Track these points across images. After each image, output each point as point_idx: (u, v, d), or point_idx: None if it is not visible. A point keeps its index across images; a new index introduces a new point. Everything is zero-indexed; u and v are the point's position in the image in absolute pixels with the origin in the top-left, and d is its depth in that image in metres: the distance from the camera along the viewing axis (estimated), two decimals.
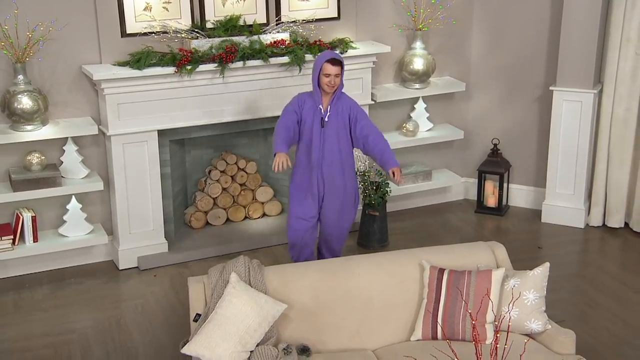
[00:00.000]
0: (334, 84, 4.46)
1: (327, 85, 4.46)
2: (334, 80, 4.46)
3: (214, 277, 3.70)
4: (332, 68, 4.43)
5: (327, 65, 4.43)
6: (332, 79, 4.44)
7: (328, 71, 4.44)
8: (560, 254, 5.40)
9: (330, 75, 4.44)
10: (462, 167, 6.29)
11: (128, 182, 5.10)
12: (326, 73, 4.44)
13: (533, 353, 3.49)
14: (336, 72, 4.44)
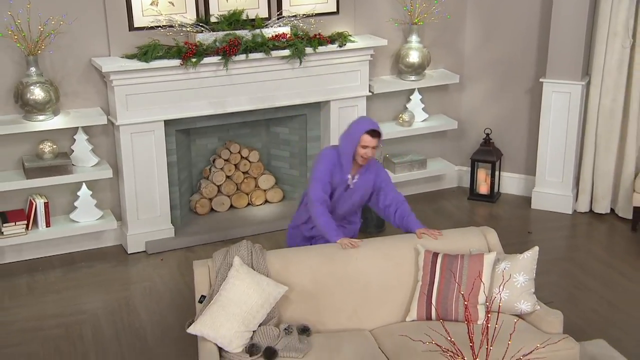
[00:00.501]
0: (369, 156, 3.94)
1: (362, 158, 3.94)
2: (371, 153, 3.93)
3: (218, 260, 3.71)
4: (371, 140, 3.91)
5: (366, 137, 3.90)
6: (369, 151, 3.92)
7: (366, 143, 3.90)
8: (549, 239, 5.42)
9: (368, 148, 3.91)
10: (455, 155, 6.29)
11: (136, 169, 5.10)
12: (364, 145, 3.90)
13: (522, 332, 3.51)
14: (374, 145, 3.92)
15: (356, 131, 3.93)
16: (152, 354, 4.13)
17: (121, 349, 4.18)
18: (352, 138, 3.93)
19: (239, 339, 3.41)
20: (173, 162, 5.31)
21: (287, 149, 5.86)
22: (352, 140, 3.93)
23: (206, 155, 5.79)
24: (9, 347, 4.19)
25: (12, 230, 4.87)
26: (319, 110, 5.68)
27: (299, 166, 5.86)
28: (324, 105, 5.64)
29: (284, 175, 5.93)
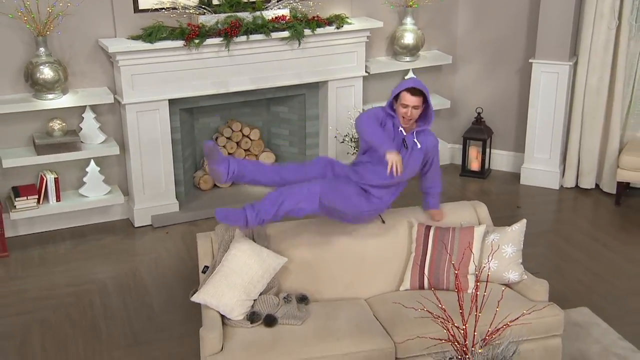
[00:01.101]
0: (410, 117, 3.54)
1: (403, 117, 3.55)
2: (412, 113, 3.52)
3: (220, 233, 3.72)
4: (410, 98, 3.51)
5: (405, 94, 3.52)
6: (409, 110, 3.52)
7: (406, 101, 3.51)
8: (537, 213, 5.43)
9: (408, 107, 3.52)
10: (448, 134, 6.28)
11: (142, 147, 5.10)
12: (403, 103, 3.52)
13: (510, 300, 3.53)
14: (415, 104, 3.51)
15: (398, 88, 3.58)
16: (158, 320, 4.16)
17: (129, 316, 4.20)
18: (393, 92, 3.59)
19: (240, 307, 3.43)
20: (177, 139, 5.31)
21: (287, 128, 5.85)
22: (392, 94, 3.59)
23: (209, 134, 5.77)
24: (23, 314, 4.21)
25: (24, 204, 4.87)
26: (317, 90, 5.66)
27: (298, 144, 5.86)
28: (322, 85, 5.61)
29: (284, 153, 5.92)
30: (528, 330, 3.36)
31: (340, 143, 5.63)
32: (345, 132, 5.59)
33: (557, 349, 3.59)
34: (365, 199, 3.63)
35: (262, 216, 3.41)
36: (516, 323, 2.87)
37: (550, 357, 3.58)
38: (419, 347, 3.27)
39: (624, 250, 4.90)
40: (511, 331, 2.95)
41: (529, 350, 3.50)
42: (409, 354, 3.37)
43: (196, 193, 5.64)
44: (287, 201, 3.45)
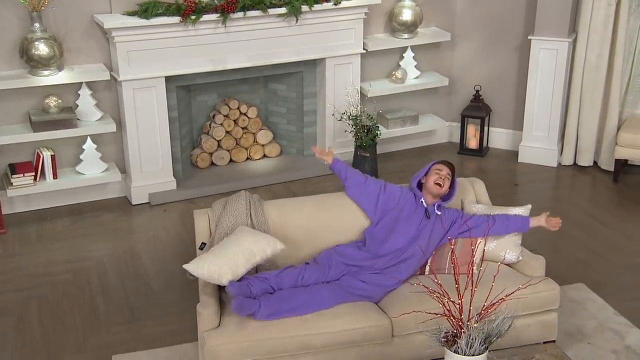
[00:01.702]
0: (442, 183, 3.63)
1: (436, 184, 3.62)
2: (444, 181, 3.63)
3: (217, 210, 3.71)
4: (444, 167, 3.68)
5: (438, 164, 3.70)
6: (443, 176, 3.64)
7: (439, 169, 3.66)
8: (535, 191, 5.43)
9: (441, 174, 3.65)
10: (446, 111, 6.25)
11: (139, 124, 5.07)
12: (437, 169, 3.66)
13: (506, 276, 3.54)
14: (447, 172, 3.66)
15: (427, 166, 3.74)
16: (156, 298, 4.17)
17: (126, 293, 4.21)
18: (422, 170, 3.72)
19: (224, 275, 3.36)
20: (174, 117, 5.28)
21: (285, 105, 5.82)
22: (422, 171, 3.72)
23: (206, 111, 5.75)
24: (20, 290, 4.22)
25: (20, 181, 4.86)
26: (315, 67, 5.62)
27: (295, 122, 5.83)
28: (320, 62, 5.58)
29: (282, 131, 5.90)
30: (524, 305, 3.37)
31: (338, 121, 5.62)
32: (342, 110, 5.57)
33: (553, 324, 3.60)
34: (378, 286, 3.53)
35: (275, 317, 3.32)
36: (512, 297, 2.88)
37: (546, 332, 3.59)
38: (415, 324, 3.27)
39: (621, 227, 4.90)
40: (507, 306, 2.96)
41: (525, 325, 3.52)
42: (406, 331, 3.38)
43: (193, 171, 5.62)
44: (306, 309, 3.38)
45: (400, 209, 3.67)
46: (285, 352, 3.26)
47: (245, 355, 3.23)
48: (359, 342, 3.33)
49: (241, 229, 3.53)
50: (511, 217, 3.68)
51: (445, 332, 2.79)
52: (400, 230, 3.63)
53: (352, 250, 3.62)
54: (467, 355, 2.71)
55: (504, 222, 3.68)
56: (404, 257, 3.58)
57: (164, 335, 3.83)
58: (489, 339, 2.76)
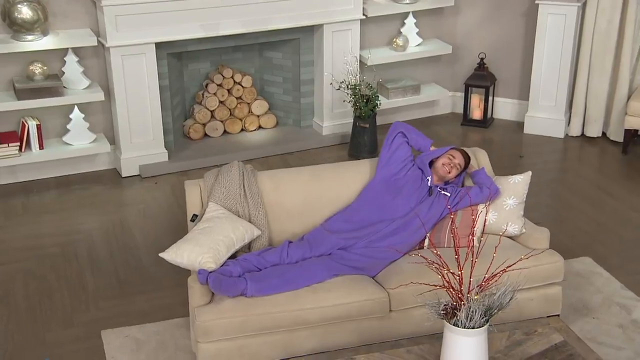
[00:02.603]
0: (450, 168, 3.66)
1: (442, 168, 3.65)
2: (453, 166, 3.66)
3: (209, 180, 3.68)
4: (459, 155, 3.69)
5: (453, 151, 3.71)
6: (452, 163, 3.66)
7: (452, 154, 3.69)
8: (540, 162, 5.40)
9: (453, 161, 3.66)
10: (449, 81, 6.19)
11: (128, 93, 5.02)
12: (450, 154, 3.68)
13: (508, 249, 3.50)
14: (460, 161, 3.67)
15: (444, 148, 3.78)
16: (146, 272, 4.16)
17: (116, 267, 4.20)
18: (436, 151, 3.75)
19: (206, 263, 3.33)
20: (165, 86, 5.23)
21: (281, 75, 5.77)
22: (435, 152, 3.74)
23: (199, 80, 5.70)
24: (7, 264, 4.21)
25: (5, 151, 4.82)
26: (312, 34, 5.56)
27: (292, 92, 5.78)
28: (317, 29, 5.51)
29: (277, 101, 5.85)
30: (527, 278, 3.36)
31: (336, 90, 5.56)
32: (341, 79, 5.51)
33: (557, 298, 3.58)
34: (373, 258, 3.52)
35: (266, 291, 3.27)
36: (514, 269, 2.85)
37: (550, 306, 3.58)
38: (414, 298, 3.25)
39: (629, 199, 4.88)
40: (508, 278, 2.94)
41: (527, 299, 3.50)
42: (404, 305, 3.37)
43: (186, 143, 5.59)
44: (299, 282, 3.34)
45: (406, 181, 3.67)
46: (279, 327, 3.25)
47: (238, 331, 3.22)
48: (356, 317, 3.32)
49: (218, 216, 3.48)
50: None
51: (445, 305, 2.76)
52: (400, 199, 3.62)
53: (341, 222, 3.60)
54: (467, 328, 2.69)
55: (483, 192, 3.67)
56: (399, 226, 3.56)
57: (154, 311, 3.82)
58: (490, 311, 2.74)
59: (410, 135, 3.82)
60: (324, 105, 5.68)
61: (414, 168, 3.73)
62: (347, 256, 3.47)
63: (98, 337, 3.64)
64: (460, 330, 2.69)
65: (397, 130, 3.81)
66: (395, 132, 3.81)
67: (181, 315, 3.75)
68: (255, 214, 3.60)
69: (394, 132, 3.82)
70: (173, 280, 4.03)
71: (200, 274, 3.21)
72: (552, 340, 3.02)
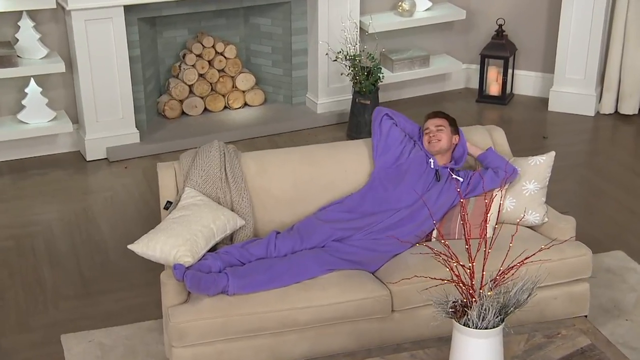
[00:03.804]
0: (436, 137, 3.69)
1: (431, 145, 3.70)
2: (436, 135, 3.70)
3: (185, 162, 3.68)
4: (430, 120, 3.76)
5: (427, 121, 3.78)
6: (432, 133, 3.71)
7: (427, 125, 3.75)
8: (568, 144, 5.42)
9: (431, 129, 3.72)
10: (463, 51, 6.20)
11: (93, 64, 5.03)
12: (425, 128, 3.76)
13: (527, 239, 3.50)
14: (437, 124, 3.72)
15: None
16: (114, 268, 4.18)
17: (79, 263, 4.21)
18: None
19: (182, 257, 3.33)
20: (136, 56, 5.23)
21: (269, 44, 5.78)
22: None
23: (175, 50, 5.70)
24: None
25: None
26: None
27: (282, 64, 5.78)
28: None
29: (266, 75, 5.86)
30: (549, 273, 3.36)
31: (332, 62, 5.56)
32: (338, 49, 5.50)
33: (584, 296, 3.59)
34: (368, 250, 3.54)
35: (250, 289, 3.28)
36: (532, 260, 2.85)
37: (576, 305, 3.58)
38: (419, 296, 3.26)
39: None
40: (527, 271, 2.93)
41: (550, 297, 3.51)
42: (408, 304, 3.37)
43: (160, 121, 5.60)
44: (287, 278, 3.35)
45: (409, 165, 3.68)
46: (265, 329, 3.26)
47: (218, 334, 3.22)
48: (353, 318, 3.32)
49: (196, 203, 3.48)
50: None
51: (454, 302, 2.76)
52: (404, 187, 3.62)
53: (338, 212, 3.60)
54: (479, 329, 2.69)
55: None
56: (404, 217, 3.56)
57: (123, 312, 3.83)
58: (505, 310, 2.74)
59: (397, 118, 3.83)
60: (319, 79, 5.68)
61: (415, 149, 3.74)
62: (343, 249, 3.47)
63: (57, 342, 3.64)
64: (472, 331, 2.69)
65: (382, 114, 3.82)
66: (380, 115, 3.82)
67: (154, 317, 3.76)
68: (238, 201, 3.60)
69: (378, 116, 3.83)
70: (144, 277, 4.04)
71: (176, 270, 3.21)
72: (577, 344, 3.02)
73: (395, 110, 3.89)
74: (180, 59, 5.70)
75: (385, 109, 3.87)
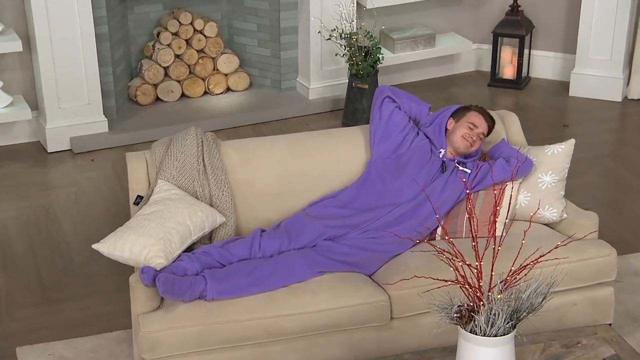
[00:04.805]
0: (472, 142, 3.65)
1: (463, 142, 3.65)
2: (476, 141, 3.65)
3: (158, 152, 3.69)
4: (482, 121, 3.68)
5: (476, 115, 3.69)
6: (474, 134, 3.65)
7: (473, 120, 3.67)
8: (591, 133, 5.45)
9: (475, 129, 3.65)
10: (473, 29, 6.24)
11: (54, 43, 5.04)
12: (471, 121, 3.67)
13: (542, 237, 3.51)
14: (483, 130, 3.67)
15: (459, 107, 3.78)
16: (78, 273, 4.19)
17: (37, 267, 4.22)
18: (450, 110, 3.76)
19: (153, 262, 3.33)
20: (104, 34, 5.25)
21: (255, 21, 5.80)
22: (443, 113, 3.76)
23: (148, 28, 5.73)
24: None
25: None
26: None
27: (269, 43, 5.81)
28: None
29: (251, 56, 5.89)
30: (568, 276, 3.37)
31: (326, 41, 5.58)
32: (332, 26, 5.51)
33: (609, 302, 3.60)
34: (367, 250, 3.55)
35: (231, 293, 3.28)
36: (548, 259, 2.85)
37: (598, 312, 3.59)
38: (421, 302, 3.25)
39: None
40: (542, 272, 2.94)
41: (569, 303, 3.52)
42: (409, 310, 3.38)
43: (132, 108, 5.63)
44: (274, 281, 3.35)
45: (410, 156, 3.68)
46: (248, 339, 3.27)
47: (195, 344, 3.23)
48: (347, 326, 3.32)
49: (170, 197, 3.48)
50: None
51: (459, 306, 2.77)
52: (405, 179, 3.63)
53: (330, 207, 3.60)
54: (487, 336, 2.69)
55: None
56: (404, 213, 3.56)
57: (88, 321, 3.84)
58: (517, 315, 2.75)
59: (401, 99, 3.82)
60: (311, 61, 5.69)
61: (419, 138, 3.74)
62: (336, 248, 3.48)
63: (13, 355, 3.64)
64: (479, 339, 2.69)
65: (384, 95, 3.81)
66: (382, 96, 3.81)
67: (122, 326, 3.77)
68: (218, 195, 3.61)
69: (379, 97, 3.82)
70: (112, 282, 4.05)
71: (143, 274, 3.20)
72: (600, 355, 3.04)
73: (400, 90, 3.88)
74: (154, 37, 5.71)
75: (388, 88, 3.86)
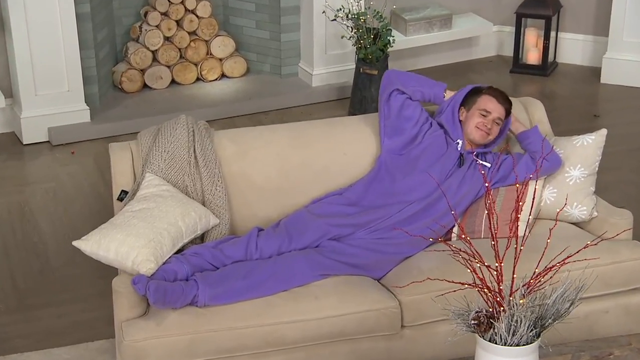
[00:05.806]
0: (488, 130, 3.64)
1: (477, 132, 3.65)
2: (492, 128, 3.64)
3: (145, 142, 3.70)
4: (496, 105, 3.66)
5: (488, 99, 3.67)
6: (488, 122, 3.64)
7: (485, 106, 3.66)
8: (625, 123, 5.46)
9: (489, 115, 3.64)
10: (494, 10, 6.26)
11: (30, 24, 5.06)
12: (484, 108, 3.66)
13: (569, 237, 3.53)
14: (498, 114, 3.65)
15: (472, 88, 3.75)
16: (56, 275, 4.20)
17: (11, 270, 4.24)
18: (462, 92, 3.74)
19: (142, 267, 3.33)
20: (85, 14, 5.27)
21: (252, 0, 5.81)
22: (460, 95, 3.74)
23: (135, 7, 5.76)
24: None
25: None
26: None
27: (268, 25, 5.83)
28: None
29: (248, 38, 5.91)
30: (599, 280, 3.38)
31: (331, 22, 5.59)
32: (338, 6, 5.53)
33: None
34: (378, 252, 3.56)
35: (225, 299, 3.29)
36: (576, 260, 2.85)
37: (633, 321, 3.61)
38: (435, 308, 3.27)
39: None
40: (569, 275, 2.94)
41: (600, 310, 3.53)
42: (422, 318, 3.40)
43: (116, 96, 5.65)
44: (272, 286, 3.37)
45: (424, 149, 3.68)
46: (244, 349, 3.27)
47: (184, 354, 3.23)
48: (353, 335, 3.33)
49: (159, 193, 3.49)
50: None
51: (477, 312, 2.77)
52: (418, 175, 3.63)
53: (335, 204, 3.61)
54: (508, 346, 2.69)
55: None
56: (417, 211, 3.57)
57: (67, 330, 3.85)
58: (542, 322, 2.75)
59: (410, 88, 3.77)
60: (315, 44, 5.71)
61: (432, 129, 3.73)
62: (341, 249, 3.48)
63: None
64: (499, 349, 2.70)
65: (390, 88, 3.77)
66: (389, 90, 3.77)
67: (105, 335, 3.79)
68: (211, 190, 3.61)
69: (387, 88, 3.78)
70: (94, 287, 4.06)
71: (137, 285, 3.18)
72: None
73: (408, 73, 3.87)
74: (141, 18, 5.73)
75: (395, 76, 3.82)
